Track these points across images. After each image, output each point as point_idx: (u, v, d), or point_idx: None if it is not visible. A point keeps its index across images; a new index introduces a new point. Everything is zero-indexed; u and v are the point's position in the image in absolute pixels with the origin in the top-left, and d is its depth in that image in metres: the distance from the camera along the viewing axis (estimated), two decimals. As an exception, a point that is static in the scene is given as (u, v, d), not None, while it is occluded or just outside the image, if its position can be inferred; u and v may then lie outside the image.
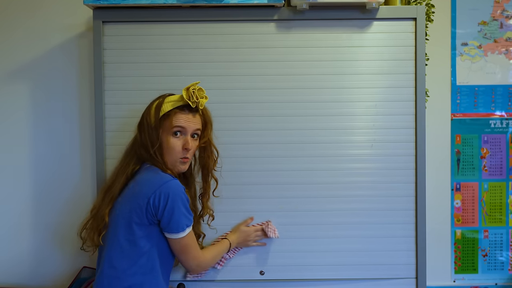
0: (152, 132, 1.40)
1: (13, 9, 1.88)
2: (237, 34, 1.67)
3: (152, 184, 1.36)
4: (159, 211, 1.34)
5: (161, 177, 1.37)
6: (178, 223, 1.36)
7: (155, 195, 1.34)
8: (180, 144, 1.42)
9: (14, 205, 1.90)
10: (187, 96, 1.40)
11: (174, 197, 1.35)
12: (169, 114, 1.41)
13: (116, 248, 1.37)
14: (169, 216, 1.35)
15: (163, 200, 1.34)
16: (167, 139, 1.41)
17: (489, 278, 2.01)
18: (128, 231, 1.36)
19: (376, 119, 1.68)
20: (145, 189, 1.36)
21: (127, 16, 1.65)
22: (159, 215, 1.35)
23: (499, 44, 1.99)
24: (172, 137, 1.42)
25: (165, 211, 1.34)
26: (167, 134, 1.42)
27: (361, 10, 1.65)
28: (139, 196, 1.35)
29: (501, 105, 1.99)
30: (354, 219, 1.68)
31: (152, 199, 1.34)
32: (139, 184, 1.38)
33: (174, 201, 1.35)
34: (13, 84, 1.89)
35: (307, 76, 1.67)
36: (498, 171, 2.00)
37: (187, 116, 1.43)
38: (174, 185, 1.37)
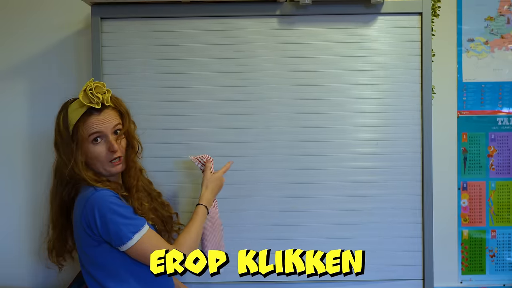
0: (68, 150, 1.25)
1: (11, 6, 1.86)
2: (238, 30, 1.65)
3: (78, 205, 1.25)
4: (94, 230, 1.22)
5: (84, 195, 1.25)
6: (119, 234, 1.22)
7: (84, 216, 1.22)
8: (104, 149, 1.28)
9: (12, 205, 1.88)
10: (88, 100, 1.26)
11: (100, 209, 1.21)
12: (77, 125, 1.25)
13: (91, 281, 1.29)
14: (106, 230, 1.21)
15: (91, 218, 1.21)
16: (88, 149, 1.27)
17: (497, 279, 1.98)
18: (87, 259, 1.27)
19: (381, 117, 1.66)
20: (76, 213, 1.25)
21: (126, 12, 1.63)
22: (97, 234, 1.23)
23: (506, 40, 1.95)
24: (92, 145, 1.27)
25: (100, 227, 1.21)
26: (86, 144, 1.26)
27: (365, 5, 1.63)
28: (75, 223, 1.26)
29: (508, 102, 1.96)
30: (359, 219, 1.66)
31: (84, 220, 1.22)
32: (74, 211, 1.28)
33: (102, 214, 1.21)
34: (10, 83, 1.87)
35: (310, 73, 1.65)
36: (505, 170, 1.97)
37: (96, 118, 1.27)
38: (96, 197, 1.23)
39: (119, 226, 1.21)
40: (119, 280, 1.27)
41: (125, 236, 1.21)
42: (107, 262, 1.26)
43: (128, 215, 1.24)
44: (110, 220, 1.21)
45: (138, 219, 1.27)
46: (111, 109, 1.30)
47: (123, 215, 1.23)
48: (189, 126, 1.65)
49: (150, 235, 1.26)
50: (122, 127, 1.32)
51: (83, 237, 1.25)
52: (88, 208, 1.21)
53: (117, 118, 1.31)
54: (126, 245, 1.22)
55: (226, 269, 1.62)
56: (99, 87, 1.27)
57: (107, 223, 1.20)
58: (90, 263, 1.27)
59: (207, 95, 1.64)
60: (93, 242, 1.25)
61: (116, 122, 1.30)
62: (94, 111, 1.27)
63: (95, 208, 1.21)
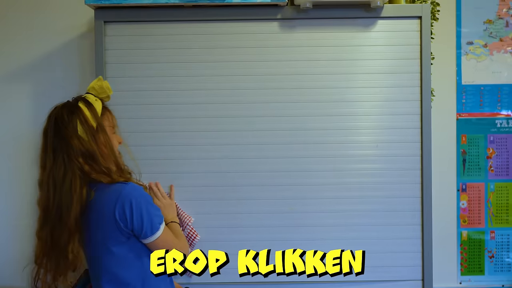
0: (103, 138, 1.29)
1: (15, 10, 1.88)
2: (240, 33, 1.66)
3: (109, 201, 1.24)
4: (128, 222, 1.24)
5: (115, 189, 1.26)
6: (151, 224, 1.27)
7: (119, 209, 1.23)
8: (117, 139, 1.38)
9: (15, 206, 1.90)
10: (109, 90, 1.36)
11: (137, 200, 1.24)
12: (103, 113, 1.33)
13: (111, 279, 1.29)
14: (139, 222, 1.25)
15: (128, 209, 1.23)
16: (111, 139, 1.32)
17: (495, 279, 1.99)
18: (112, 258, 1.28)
19: (381, 119, 1.67)
20: (105, 210, 1.24)
21: (129, 16, 1.64)
22: (129, 226, 1.25)
23: (505, 43, 1.97)
24: (114, 135, 1.35)
25: (134, 219, 1.24)
26: (109, 134, 1.33)
27: (365, 9, 1.64)
28: (104, 220, 1.25)
29: (507, 105, 1.97)
30: (359, 220, 1.67)
31: (118, 213, 1.23)
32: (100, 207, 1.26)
33: (139, 205, 1.24)
34: (15, 85, 1.89)
35: (311, 76, 1.66)
36: (504, 171, 1.98)
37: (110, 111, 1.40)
38: (131, 189, 1.26)
39: (153, 216, 1.27)
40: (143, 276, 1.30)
41: (155, 227, 1.28)
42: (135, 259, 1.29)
43: (156, 207, 1.32)
44: (146, 211, 1.25)
45: (160, 212, 1.34)
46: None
47: (154, 206, 1.30)
48: (191, 129, 1.66)
49: (166, 227, 1.35)
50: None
51: (113, 233, 1.25)
52: (123, 200, 1.23)
53: None
54: (155, 235, 1.28)
55: (226, 269, 1.64)
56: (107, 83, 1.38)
57: (142, 213, 1.24)
58: (117, 263, 1.28)
59: (208, 97, 1.66)
60: (122, 238, 1.26)
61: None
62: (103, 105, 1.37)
63: (133, 199, 1.24)
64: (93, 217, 1.27)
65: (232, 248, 1.66)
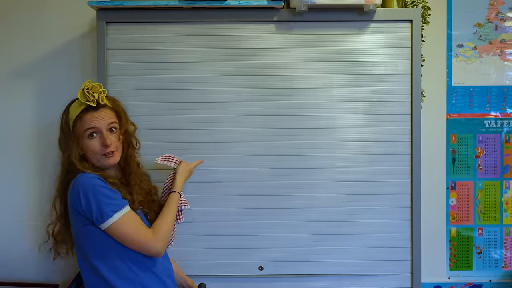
0: (69, 143, 1.36)
1: (17, 10, 1.91)
2: (238, 35, 1.70)
3: (69, 190, 1.34)
4: (79, 209, 1.30)
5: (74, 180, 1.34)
6: (101, 212, 1.29)
7: (72, 196, 1.32)
8: (98, 143, 1.38)
9: (16, 203, 1.93)
10: (84, 98, 1.36)
11: (84, 188, 1.30)
12: (75, 121, 1.36)
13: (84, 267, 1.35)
14: (89, 209, 1.29)
15: (77, 197, 1.30)
16: (85, 143, 1.37)
17: (483, 275, 2.04)
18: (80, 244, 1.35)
19: (373, 119, 1.72)
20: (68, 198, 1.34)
21: (130, 17, 1.68)
22: (83, 213, 1.30)
23: (494, 46, 2.02)
24: (89, 140, 1.37)
25: (84, 205, 1.29)
26: (83, 139, 1.37)
27: (358, 12, 1.68)
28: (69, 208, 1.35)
29: (495, 106, 2.03)
30: (350, 216, 1.72)
31: (72, 201, 1.31)
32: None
33: (86, 193, 1.29)
34: (17, 85, 1.91)
35: (305, 76, 1.71)
36: (492, 170, 2.03)
37: (92, 115, 1.37)
38: (82, 179, 1.32)
39: (101, 204, 1.29)
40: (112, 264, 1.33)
41: (106, 214, 1.28)
42: (97, 243, 1.32)
43: (110, 195, 1.32)
44: (93, 198, 1.28)
45: (121, 200, 1.33)
46: (108, 109, 1.40)
47: (106, 195, 1.31)
48: (190, 127, 1.70)
49: (130, 217, 1.33)
50: (118, 126, 1.41)
51: (74, 219, 1.33)
52: (74, 188, 1.31)
53: (113, 117, 1.40)
54: (106, 223, 1.29)
55: (225, 263, 1.70)
56: (95, 87, 1.37)
57: (89, 200, 1.28)
58: (81, 248, 1.34)
59: (207, 96, 1.70)
60: (80, 223, 1.32)
61: (111, 120, 1.39)
62: (91, 109, 1.36)
63: (80, 187, 1.30)
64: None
65: (229, 243, 1.72)
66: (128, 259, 1.34)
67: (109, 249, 1.33)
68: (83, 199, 1.29)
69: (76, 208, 1.31)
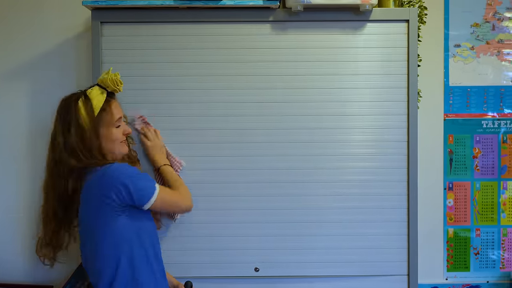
0: (90, 134, 1.34)
1: (12, 10, 1.90)
2: (233, 35, 1.69)
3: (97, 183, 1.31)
4: (121, 195, 1.29)
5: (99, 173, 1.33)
6: (147, 188, 1.34)
7: (107, 187, 1.29)
8: (120, 132, 1.42)
9: (11, 203, 1.92)
10: (114, 84, 1.39)
11: (126, 173, 1.31)
12: (104, 109, 1.37)
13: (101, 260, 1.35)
14: (136, 188, 1.31)
15: (119, 184, 1.29)
16: (111, 132, 1.38)
17: (480, 276, 2.03)
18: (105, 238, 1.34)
19: (369, 119, 1.71)
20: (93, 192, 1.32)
21: (125, 17, 1.67)
22: (126, 198, 1.30)
23: (491, 46, 2.01)
24: (114, 128, 1.40)
25: (131, 188, 1.30)
26: (109, 127, 1.38)
27: (354, 12, 1.68)
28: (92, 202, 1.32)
29: (493, 106, 2.02)
30: (347, 217, 1.71)
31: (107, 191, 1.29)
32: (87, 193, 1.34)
33: (129, 176, 1.31)
34: (11, 86, 1.90)
35: (301, 77, 1.70)
36: (490, 171, 2.03)
37: (117, 104, 1.44)
38: (117, 166, 1.33)
39: (144, 181, 1.34)
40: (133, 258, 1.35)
41: (150, 189, 1.35)
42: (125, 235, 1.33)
43: (142, 174, 1.38)
44: (137, 180, 1.32)
45: (148, 176, 1.40)
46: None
47: (140, 174, 1.36)
48: (185, 127, 1.69)
49: (163, 187, 1.42)
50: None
51: (104, 212, 1.30)
52: (112, 177, 1.30)
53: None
54: (153, 197, 1.34)
55: (221, 265, 1.69)
56: (117, 75, 1.41)
57: (135, 182, 1.31)
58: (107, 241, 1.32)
59: (202, 97, 1.69)
60: (114, 213, 1.31)
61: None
62: (111, 98, 1.40)
63: (121, 174, 1.30)
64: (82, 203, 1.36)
65: (225, 244, 1.71)
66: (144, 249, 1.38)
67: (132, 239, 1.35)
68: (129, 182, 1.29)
69: (117, 194, 1.29)
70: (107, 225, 1.31)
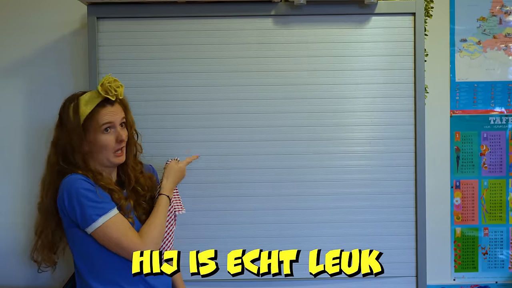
0: (76, 138, 1.30)
1: (8, 6, 1.87)
2: (233, 29, 1.66)
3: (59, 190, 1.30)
4: (65, 211, 1.28)
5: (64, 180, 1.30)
6: (84, 216, 1.26)
7: (59, 199, 1.29)
8: (113, 138, 1.35)
9: (8, 204, 1.89)
10: (105, 92, 1.33)
11: (69, 191, 1.27)
12: (91, 115, 1.33)
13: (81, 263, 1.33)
14: (74, 212, 1.26)
15: (62, 199, 1.27)
16: (98, 138, 1.33)
17: (489, 276, 2.00)
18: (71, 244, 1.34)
19: (375, 116, 1.67)
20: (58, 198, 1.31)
21: (122, 12, 1.64)
22: (70, 216, 1.28)
23: (498, 40, 1.97)
24: (102, 134, 1.33)
25: (68, 208, 1.27)
26: (96, 133, 1.33)
27: (359, 5, 1.64)
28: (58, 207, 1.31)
29: (500, 102, 1.98)
30: (353, 217, 1.68)
31: (59, 203, 1.29)
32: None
33: (70, 196, 1.26)
34: (7, 83, 1.88)
35: (304, 72, 1.66)
36: (498, 168, 1.99)
37: (109, 110, 1.35)
38: (68, 180, 1.28)
39: (85, 208, 1.25)
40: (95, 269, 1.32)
41: (90, 218, 1.25)
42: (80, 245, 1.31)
43: (95, 199, 1.27)
44: (76, 202, 1.26)
45: (107, 203, 1.29)
46: (118, 103, 1.39)
47: (90, 198, 1.27)
48: (183, 125, 1.66)
49: (118, 221, 1.28)
50: (125, 120, 1.40)
51: (63, 220, 1.31)
52: (60, 190, 1.28)
53: (122, 111, 1.39)
54: (91, 227, 1.26)
55: (222, 267, 1.65)
56: (116, 82, 1.36)
57: (73, 204, 1.26)
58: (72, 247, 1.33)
59: (202, 94, 1.66)
60: (66, 224, 1.31)
61: (122, 115, 1.38)
62: (106, 103, 1.35)
63: (65, 190, 1.27)
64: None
65: (223, 246, 1.67)
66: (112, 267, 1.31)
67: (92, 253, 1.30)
68: (67, 201, 1.26)
69: (62, 210, 1.29)
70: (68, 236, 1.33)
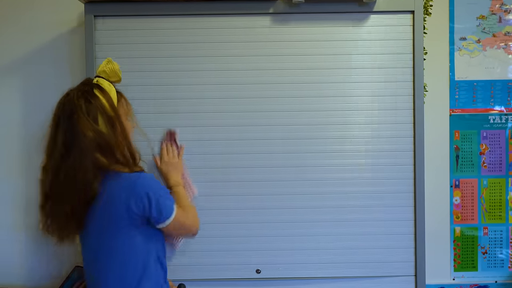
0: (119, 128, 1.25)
1: (4, 5, 1.86)
2: (231, 28, 1.65)
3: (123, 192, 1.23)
4: (145, 209, 1.24)
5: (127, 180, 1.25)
6: (168, 207, 1.29)
7: (134, 198, 1.23)
8: (131, 126, 1.36)
9: (5, 204, 1.88)
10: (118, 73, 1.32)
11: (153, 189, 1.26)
12: (118, 100, 1.31)
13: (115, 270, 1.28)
14: (158, 207, 1.26)
15: (145, 198, 1.24)
16: (127, 126, 1.30)
17: (489, 275, 1.99)
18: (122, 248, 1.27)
19: (374, 114, 1.66)
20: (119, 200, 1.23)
21: (119, 10, 1.62)
22: (147, 213, 1.25)
23: (498, 39, 1.96)
24: (127, 122, 1.32)
25: (154, 205, 1.25)
26: (124, 121, 1.30)
27: (358, 3, 1.63)
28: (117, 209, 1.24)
29: (500, 100, 1.97)
30: (352, 216, 1.66)
31: (134, 202, 1.23)
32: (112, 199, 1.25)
33: (156, 192, 1.26)
34: (4, 81, 1.87)
35: (303, 71, 1.65)
36: (497, 167, 1.98)
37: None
38: (147, 179, 1.27)
39: (167, 200, 1.30)
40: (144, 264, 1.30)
41: (171, 208, 1.30)
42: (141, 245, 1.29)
43: (167, 191, 1.33)
44: (162, 197, 1.28)
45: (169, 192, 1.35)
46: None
47: (166, 191, 1.32)
48: (180, 124, 1.65)
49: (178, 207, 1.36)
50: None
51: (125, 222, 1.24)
52: (140, 190, 1.24)
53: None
54: (171, 216, 1.30)
55: (223, 267, 1.64)
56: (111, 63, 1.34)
57: (159, 200, 1.26)
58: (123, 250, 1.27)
59: (199, 92, 1.65)
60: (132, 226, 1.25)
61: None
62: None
63: (149, 189, 1.25)
64: (101, 207, 1.25)
65: (223, 244, 1.66)
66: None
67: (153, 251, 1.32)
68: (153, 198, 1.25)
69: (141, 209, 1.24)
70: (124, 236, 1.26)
